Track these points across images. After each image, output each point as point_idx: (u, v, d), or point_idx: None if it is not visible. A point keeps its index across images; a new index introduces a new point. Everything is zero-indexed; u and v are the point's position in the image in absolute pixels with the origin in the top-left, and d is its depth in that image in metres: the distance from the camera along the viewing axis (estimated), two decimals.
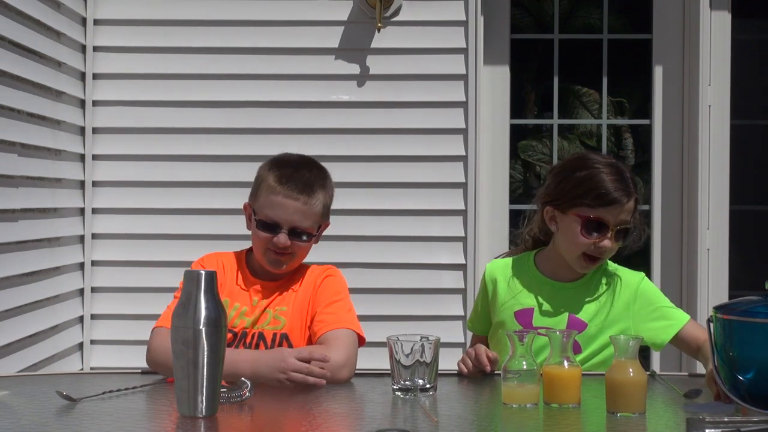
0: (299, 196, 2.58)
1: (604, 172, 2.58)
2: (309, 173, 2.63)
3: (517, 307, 2.66)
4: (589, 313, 2.63)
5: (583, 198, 2.57)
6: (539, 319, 2.64)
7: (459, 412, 2.21)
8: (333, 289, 2.64)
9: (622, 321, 2.63)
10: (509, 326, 2.64)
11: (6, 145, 3.42)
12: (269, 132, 4.18)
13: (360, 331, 2.58)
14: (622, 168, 2.63)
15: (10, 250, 3.45)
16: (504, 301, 2.69)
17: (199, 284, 2.06)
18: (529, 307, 2.65)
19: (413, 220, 4.18)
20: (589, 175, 2.58)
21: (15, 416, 2.08)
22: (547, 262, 2.71)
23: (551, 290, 2.67)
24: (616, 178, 2.57)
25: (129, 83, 4.20)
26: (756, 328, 1.98)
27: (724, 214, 4.25)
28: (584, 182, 2.58)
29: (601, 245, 2.57)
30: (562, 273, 2.68)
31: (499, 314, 2.69)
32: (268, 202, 2.59)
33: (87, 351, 4.17)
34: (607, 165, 2.60)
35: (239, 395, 2.15)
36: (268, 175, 2.62)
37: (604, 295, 2.66)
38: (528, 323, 2.64)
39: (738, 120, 4.28)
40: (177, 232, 4.15)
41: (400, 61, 4.17)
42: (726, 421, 1.87)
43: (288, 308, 2.61)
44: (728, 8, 4.25)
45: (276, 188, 2.58)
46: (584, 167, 2.61)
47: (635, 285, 2.67)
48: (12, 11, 3.44)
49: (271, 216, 2.58)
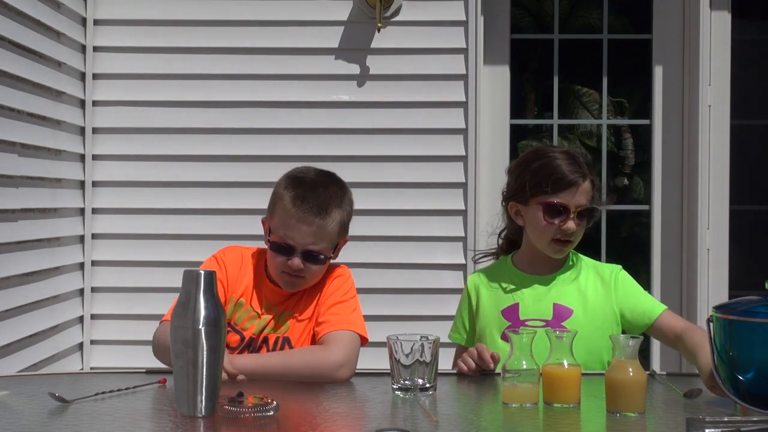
0: (314, 219, 2.54)
1: (558, 159, 2.70)
2: (325, 191, 2.59)
3: (503, 305, 2.72)
4: (573, 300, 2.71)
5: (541, 186, 2.68)
6: (526, 312, 2.70)
7: (459, 412, 2.21)
8: (340, 289, 2.64)
9: (605, 307, 2.71)
10: (497, 325, 2.69)
11: (6, 145, 3.42)
12: (269, 132, 4.19)
13: (363, 332, 2.57)
14: (574, 153, 2.76)
15: (10, 250, 3.45)
16: (489, 305, 2.75)
17: (198, 284, 2.05)
18: (514, 303, 2.71)
19: (413, 220, 4.18)
20: (544, 164, 2.71)
21: (14, 416, 2.08)
22: (524, 260, 2.79)
23: (533, 284, 2.74)
24: (569, 162, 2.69)
25: (129, 83, 4.20)
26: (756, 327, 1.98)
27: (724, 214, 4.26)
28: (540, 171, 2.70)
29: (565, 227, 2.67)
30: (540, 266, 2.76)
31: (485, 318, 2.74)
32: (282, 224, 2.56)
33: (87, 351, 4.17)
34: (560, 152, 2.74)
35: (264, 411, 2.03)
36: (284, 193, 2.58)
37: (585, 283, 2.74)
38: (515, 318, 2.69)
39: (738, 120, 4.29)
40: (177, 232, 4.16)
41: (400, 61, 4.17)
42: (726, 420, 1.87)
43: (296, 311, 2.61)
44: (728, 8, 4.25)
45: (291, 210, 2.54)
46: (538, 158, 2.74)
47: (615, 273, 2.76)
48: (12, 11, 3.44)
49: (285, 239, 2.55)
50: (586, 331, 2.61)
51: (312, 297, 2.63)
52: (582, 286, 2.73)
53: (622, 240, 4.77)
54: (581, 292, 2.72)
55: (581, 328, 2.51)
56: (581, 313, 2.68)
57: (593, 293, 2.72)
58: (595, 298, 2.71)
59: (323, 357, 2.45)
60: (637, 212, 4.70)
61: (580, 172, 2.68)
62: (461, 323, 2.81)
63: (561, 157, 2.71)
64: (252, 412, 2.00)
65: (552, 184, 2.67)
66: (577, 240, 2.73)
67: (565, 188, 2.67)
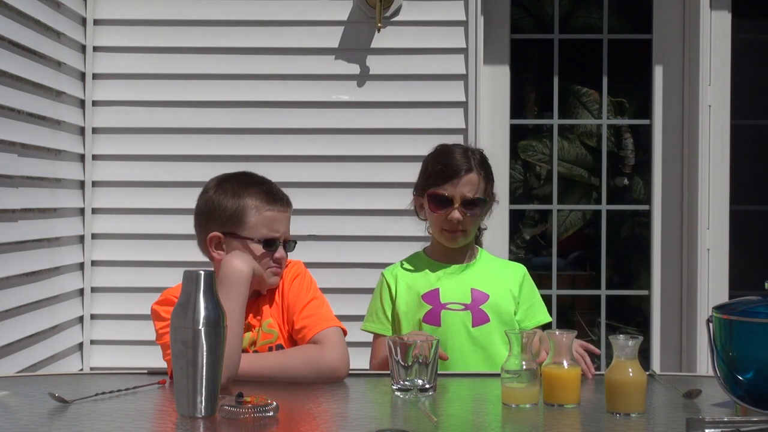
0: (287, 208, 2.59)
1: (445, 152, 2.84)
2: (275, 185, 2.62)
3: (422, 291, 2.82)
4: (487, 286, 2.83)
5: (429, 179, 2.83)
6: (446, 296, 2.80)
7: (459, 412, 2.21)
8: (303, 288, 2.60)
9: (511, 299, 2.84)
10: (418, 310, 2.80)
11: (6, 145, 3.42)
12: (269, 132, 4.19)
13: (341, 324, 2.57)
14: (468, 148, 2.88)
15: (10, 250, 3.45)
16: (407, 292, 2.84)
17: (198, 284, 2.05)
18: (434, 288, 2.82)
19: (413, 220, 4.16)
20: (432, 159, 2.86)
21: (14, 417, 2.08)
22: (435, 250, 2.91)
23: (449, 271, 2.86)
24: (456, 155, 2.82)
25: (129, 83, 4.20)
26: (756, 328, 1.98)
27: (724, 214, 4.26)
28: (429, 165, 2.86)
29: (451, 217, 2.78)
30: (451, 256, 2.87)
31: (406, 305, 2.83)
32: (262, 221, 2.53)
33: (87, 351, 4.17)
34: (454, 147, 2.87)
35: (264, 412, 2.03)
36: (248, 199, 2.53)
37: (495, 272, 2.88)
38: (437, 302, 2.79)
39: (738, 120, 4.29)
40: (177, 232, 4.14)
41: (400, 61, 4.17)
42: (726, 420, 1.87)
43: (272, 319, 2.59)
44: (728, 8, 4.25)
45: (263, 206, 2.53)
46: (434, 153, 2.89)
47: (522, 272, 2.90)
48: (12, 11, 3.44)
49: (270, 233, 2.54)
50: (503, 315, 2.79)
51: (278, 302, 2.60)
52: (494, 276, 2.86)
53: (622, 240, 4.77)
54: (493, 281, 2.85)
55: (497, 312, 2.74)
56: (497, 298, 2.81)
57: (503, 285, 2.84)
58: (504, 289, 2.84)
59: (321, 357, 2.44)
60: (637, 212, 4.70)
61: (466, 164, 2.79)
62: (381, 313, 2.86)
63: (452, 150, 2.84)
64: (252, 413, 2.00)
65: (436, 176, 2.80)
66: (472, 230, 2.84)
67: (449, 179, 2.78)
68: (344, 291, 4.02)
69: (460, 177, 2.78)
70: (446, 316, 2.78)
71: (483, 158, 2.87)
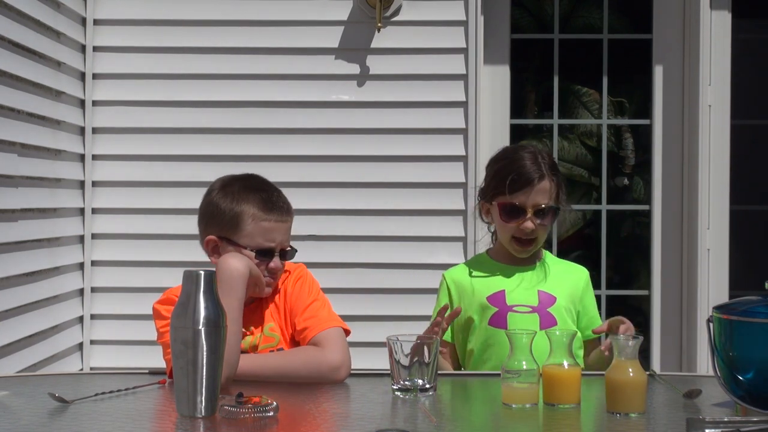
0: (287, 218, 2.55)
1: (518, 159, 2.73)
2: (278, 192, 2.58)
3: (488, 293, 2.76)
4: (554, 289, 2.76)
5: (499, 187, 2.73)
6: (512, 299, 2.74)
7: (459, 412, 2.21)
8: (305, 291, 2.60)
9: (574, 302, 2.79)
10: (484, 312, 2.74)
11: (6, 145, 3.42)
12: (269, 132, 4.19)
13: (344, 324, 2.56)
14: (537, 152, 2.76)
15: (10, 250, 3.45)
16: (472, 294, 2.77)
17: (198, 284, 2.05)
18: (499, 290, 2.75)
19: (413, 220, 4.18)
20: (503, 165, 2.75)
21: (14, 417, 2.08)
22: (500, 252, 2.84)
23: (514, 273, 2.80)
24: (529, 162, 2.71)
25: (129, 83, 4.20)
26: (756, 328, 1.98)
27: (724, 214, 4.26)
28: (500, 172, 2.74)
29: (523, 227, 2.71)
30: (516, 259, 2.81)
31: (471, 307, 2.76)
32: (258, 230, 2.51)
33: (87, 351, 4.17)
34: (525, 152, 2.75)
35: (264, 412, 2.03)
36: (246, 206, 2.52)
37: (561, 275, 2.82)
38: (503, 304, 2.73)
39: (738, 120, 4.29)
40: (177, 232, 4.15)
41: (400, 61, 4.17)
42: (726, 421, 1.87)
43: (274, 323, 2.59)
44: (728, 8, 4.25)
45: (260, 215, 2.51)
46: (501, 158, 2.79)
47: (586, 277, 2.85)
48: (12, 11, 3.44)
49: (265, 243, 2.51)
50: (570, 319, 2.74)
51: (280, 306, 2.59)
52: (561, 279, 2.80)
53: (622, 240, 4.77)
54: (560, 284, 2.79)
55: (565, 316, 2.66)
56: (564, 302, 2.75)
57: (569, 289, 2.79)
58: (570, 293, 2.79)
59: (321, 358, 2.44)
60: (637, 212, 4.70)
61: (538, 172, 2.70)
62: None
63: (522, 156, 2.73)
64: (252, 413, 2.00)
65: (509, 184, 2.70)
66: (542, 239, 2.77)
67: (521, 188, 2.70)
68: (344, 291, 4.03)
69: (533, 186, 2.69)
70: (513, 318, 2.71)
71: (552, 162, 2.77)
